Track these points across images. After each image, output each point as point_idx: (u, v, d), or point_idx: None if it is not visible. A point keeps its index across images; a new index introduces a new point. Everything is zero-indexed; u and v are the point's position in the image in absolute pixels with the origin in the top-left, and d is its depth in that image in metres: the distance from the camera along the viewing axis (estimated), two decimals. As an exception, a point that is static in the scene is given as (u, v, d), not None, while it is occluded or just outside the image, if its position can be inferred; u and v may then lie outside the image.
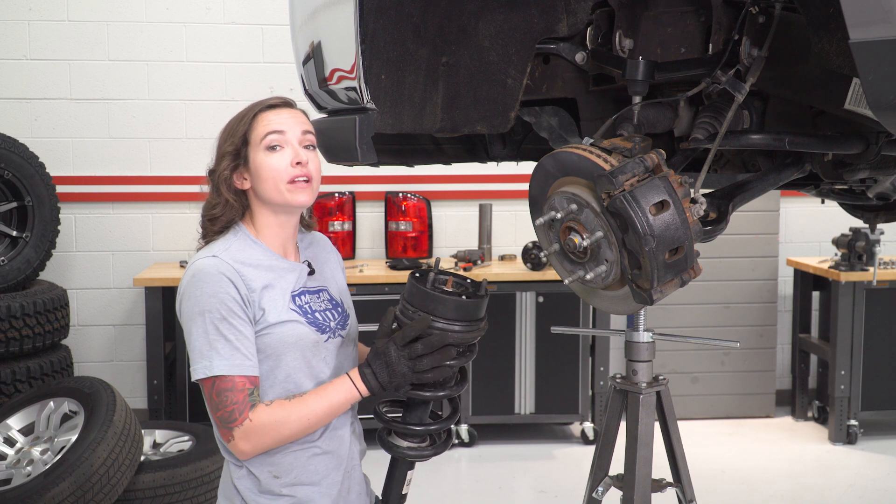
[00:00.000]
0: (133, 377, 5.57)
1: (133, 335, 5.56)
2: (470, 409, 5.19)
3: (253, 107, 2.00)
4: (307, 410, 1.88)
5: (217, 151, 2.00)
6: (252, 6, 5.53)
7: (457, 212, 5.71)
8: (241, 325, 1.88)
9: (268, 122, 1.97)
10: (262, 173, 1.95)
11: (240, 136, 1.97)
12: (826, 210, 5.71)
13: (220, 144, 2.00)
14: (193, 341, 1.89)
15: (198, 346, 1.88)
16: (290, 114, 2.00)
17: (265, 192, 1.97)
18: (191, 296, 1.91)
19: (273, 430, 1.87)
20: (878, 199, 2.64)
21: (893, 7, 1.35)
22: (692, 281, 1.83)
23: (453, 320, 1.90)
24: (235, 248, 1.96)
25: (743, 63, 1.88)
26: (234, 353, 1.86)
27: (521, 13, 2.14)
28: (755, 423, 5.74)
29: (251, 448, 1.88)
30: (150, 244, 5.54)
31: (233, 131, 1.98)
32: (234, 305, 1.88)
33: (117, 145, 5.49)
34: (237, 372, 1.86)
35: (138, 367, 5.51)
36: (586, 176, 1.82)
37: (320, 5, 2.17)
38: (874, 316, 5.21)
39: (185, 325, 1.93)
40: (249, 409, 1.85)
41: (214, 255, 1.93)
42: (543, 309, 5.19)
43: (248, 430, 1.85)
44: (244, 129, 1.97)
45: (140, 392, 5.44)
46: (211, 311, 1.87)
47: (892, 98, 1.40)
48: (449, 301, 1.90)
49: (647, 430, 2.42)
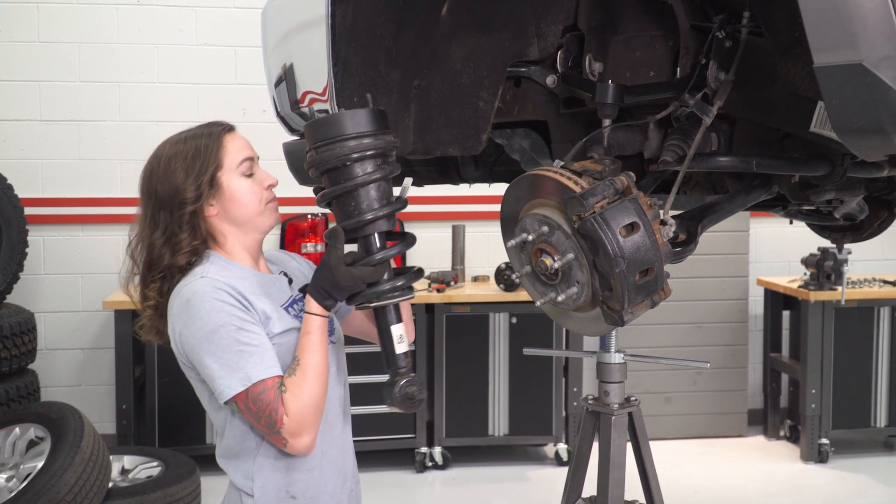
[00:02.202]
0: (101, 402, 5.50)
1: (102, 359, 5.50)
2: (444, 432, 5.18)
3: (208, 133, 1.99)
4: (311, 367, 1.86)
5: (181, 181, 1.95)
6: (225, 28, 5.53)
7: (430, 233, 5.72)
8: (257, 329, 1.88)
9: (239, 147, 1.99)
10: (242, 198, 1.98)
11: (214, 164, 1.96)
12: (795, 230, 5.76)
13: (182, 179, 1.95)
14: (216, 361, 1.84)
15: (224, 362, 1.84)
16: (245, 138, 2.04)
17: (241, 216, 1.99)
18: (194, 320, 1.87)
19: (306, 406, 1.84)
20: (845, 219, 2.68)
21: (857, 32, 1.37)
22: (663, 301, 1.85)
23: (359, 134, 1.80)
24: (215, 270, 1.95)
25: (710, 86, 1.90)
26: (263, 356, 1.85)
27: (493, 37, 2.15)
28: (728, 442, 5.76)
29: (308, 436, 1.86)
30: (120, 266, 5.47)
31: (201, 160, 1.95)
32: (243, 314, 1.88)
33: (88, 167, 5.46)
34: (270, 374, 1.85)
35: (107, 392, 5.45)
36: (557, 198, 1.83)
37: (293, 28, 2.18)
38: (843, 335, 5.26)
39: (194, 351, 1.88)
40: (282, 405, 1.83)
41: (202, 276, 1.92)
42: (517, 330, 5.19)
43: (291, 426, 1.84)
44: (215, 155, 1.96)
45: (109, 417, 5.37)
46: (224, 326, 1.85)
47: (856, 121, 1.43)
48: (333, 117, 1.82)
49: (620, 451, 2.43)
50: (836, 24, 1.39)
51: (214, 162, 1.96)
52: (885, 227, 2.74)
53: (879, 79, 1.37)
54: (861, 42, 1.37)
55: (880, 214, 2.69)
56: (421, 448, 5.17)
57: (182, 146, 1.98)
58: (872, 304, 5.27)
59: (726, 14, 1.90)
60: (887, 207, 2.68)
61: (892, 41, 1.35)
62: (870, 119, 1.41)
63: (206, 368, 1.87)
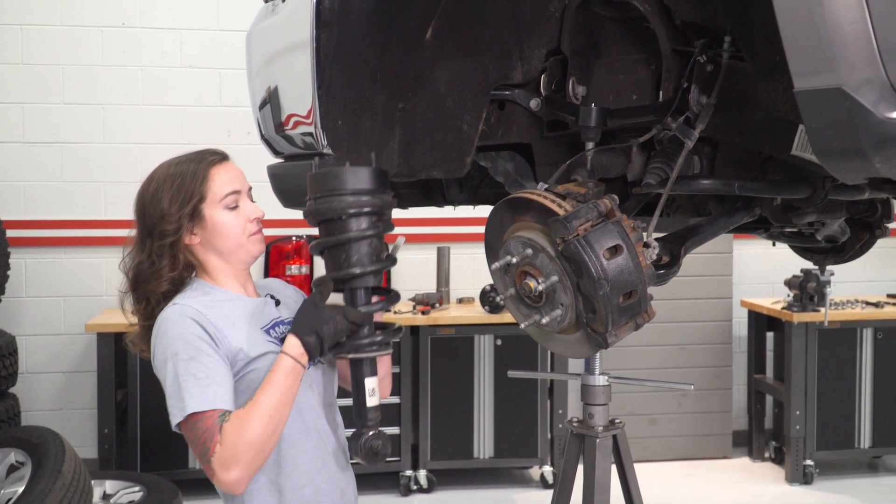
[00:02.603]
0: (83, 426, 5.46)
1: (84, 382, 5.46)
2: (428, 455, 5.16)
3: (197, 162, 2.02)
4: (262, 405, 1.82)
5: (165, 209, 1.97)
6: (209, 50, 5.54)
7: (415, 255, 5.72)
8: (211, 361, 1.86)
9: (225, 180, 2.02)
10: (224, 230, 2.00)
11: (197, 196, 1.98)
12: (778, 252, 5.78)
13: (167, 206, 1.97)
14: (167, 388, 1.87)
15: (171, 391, 1.86)
16: (236, 169, 2.06)
17: (224, 247, 2.01)
18: (158, 346, 1.91)
19: (241, 441, 1.79)
20: (827, 241, 2.70)
21: (837, 56, 1.38)
22: (647, 323, 1.85)
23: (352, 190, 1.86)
24: (193, 296, 1.98)
25: (692, 110, 1.92)
26: (205, 389, 1.83)
27: (477, 60, 2.17)
28: (712, 464, 5.76)
29: (237, 472, 1.80)
30: (104, 289, 5.46)
31: (185, 190, 1.98)
32: (200, 344, 1.87)
33: (71, 189, 5.44)
34: (209, 406, 1.82)
35: (89, 416, 5.40)
36: (541, 221, 1.84)
37: (277, 51, 2.18)
38: (827, 356, 5.28)
39: (159, 376, 1.91)
40: (218, 433, 1.80)
41: (175, 303, 1.95)
42: (502, 352, 5.19)
43: (222, 456, 1.79)
44: (199, 187, 1.99)
45: (90, 441, 5.33)
46: (178, 354, 1.86)
47: (836, 145, 1.44)
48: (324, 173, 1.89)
49: (604, 473, 2.43)
50: (816, 49, 1.40)
51: (198, 194, 1.98)
52: (866, 249, 2.76)
53: (859, 102, 1.38)
54: (841, 66, 1.38)
55: (862, 236, 2.71)
56: (405, 471, 5.15)
57: (172, 171, 2.02)
58: (855, 325, 5.29)
59: (708, 38, 1.91)
60: (868, 229, 2.69)
61: (871, 65, 1.37)
62: (850, 142, 1.42)
63: (165, 393, 1.89)
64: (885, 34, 1.35)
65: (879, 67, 1.37)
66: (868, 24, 1.35)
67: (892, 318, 5.31)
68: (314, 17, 1.93)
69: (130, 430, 4.89)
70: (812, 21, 1.39)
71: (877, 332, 5.30)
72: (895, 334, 5.32)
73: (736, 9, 1.79)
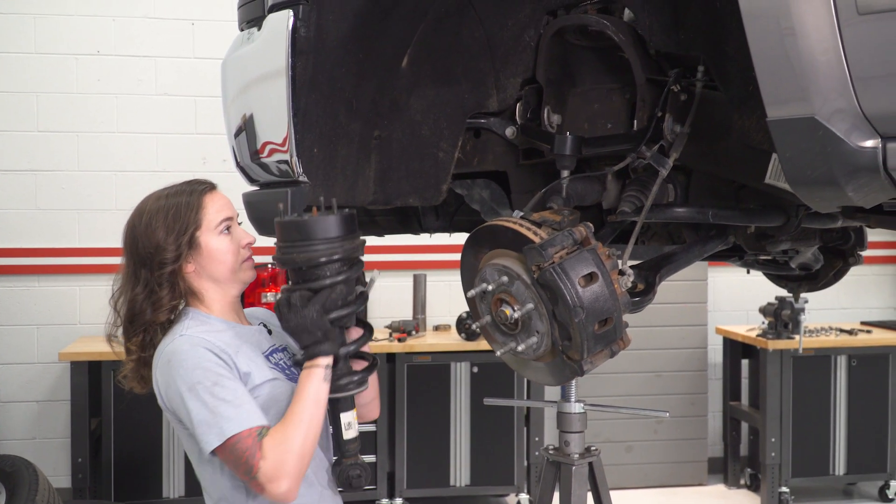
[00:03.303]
0: (57, 455, 5.39)
1: (57, 411, 5.39)
2: (405, 483, 5.12)
3: (188, 193, 2.04)
4: (297, 417, 1.87)
5: (161, 240, 1.98)
6: (185, 78, 5.53)
7: (391, 282, 5.71)
8: (234, 384, 1.89)
9: (218, 207, 2.04)
10: (219, 257, 2.02)
11: (194, 225, 2.00)
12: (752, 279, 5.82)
13: (163, 236, 1.98)
14: (194, 417, 1.87)
15: (202, 419, 1.86)
16: (226, 197, 2.10)
17: (218, 274, 2.03)
18: (175, 378, 1.90)
19: (285, 451, 1.84)
20: (801, 269, 2.72)
21: (809, 86, 1.40)
22: (623, 350, 1.86)
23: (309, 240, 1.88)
24: (195, 326, 1.99)
25: (666, 139, 1.93)
26: (239, 409, 1.85)
27: (452, 89, 2.17)
28: (688, 491, 5.76)
29: (286, 483, 1.84)
30: (77, 317, 5.41)
31: (182, 219, 1.99)
32: (219, 370, 1.89)
33: (45, 217, 5.39)
34: (246, 426, 1.84)
35: (62, 445, 5.33)
36: (517, 248, 1.84)
37: (253, 79, 2.18)
38: (801, 383, 5.30)
39: (178, 409, 1.91)
40: (259, 450, 1.83)
41: (182, 334, 1.95)
42: (478, 379, 5.18)
43: (268, 470, 1.83)
44: (195, 215, 2.00)
45: (64, 470, 5.26)
46: (201, 382, 1.87)
47: (809, 173, 1.45)
48: (293, 223, 1.89)
49: (580, 501, 2.42)
50: (789, 78, 1.42)
51: (195, 223, 2.00)
52: (840, 277, 2.78)
53: (832, 132, 1.39)
54: (814, 96, 1.40)
55: (835, 264, 2.73)
56: (381, 500, 5.11)
57: (164, 203, 2.02)
58: (830, 352, 5.32)
59: (681, 68, 1.93)
60: (842, 257, 2.72)
61: (844, 95, 1.38)
62: (822, 171, 1.43)
63: (190, 424, 1.89)
64: (858, 64, 1.36)
65: (852, 97, 1.38)
66: (841, 53, 1.37)
67: (866, 345, 5.35)
68: (290, 45, 1.94)
69: (104, 458, 4.84)
70: (785, 51, 1.41)
71: (851, 359, 5.34)
72: (869, 361, 5.36)
73: (709, 38, 1.81)
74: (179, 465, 4.84)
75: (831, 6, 1.36)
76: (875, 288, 6.34)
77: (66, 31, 5.41)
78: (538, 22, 2.10)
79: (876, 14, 1.34)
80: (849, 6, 1.35)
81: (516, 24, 2.13)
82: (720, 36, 1.76)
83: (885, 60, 1.35)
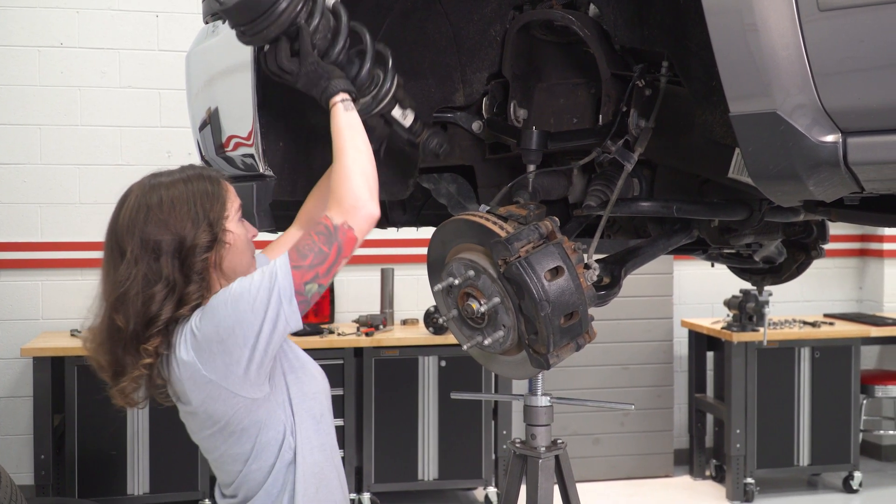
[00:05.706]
0: (19, 452, 5.32)
1: (19, 407, 5.32)
2: (373, 477, 5.12)
3: (206, 175, 1.90)
4: (338, 148, 1.83)
5: (189, 229, 1.81)
6: (149, 70, 5.47)
7: (358, 276, 5.70)
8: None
9: (233, 195, 1.92)
10: (241, 245, 1.91)
11: (224, 211, 1.87)
12: (717, 272, 5.87)
13: (193, 224, 1.82)
14: (315, 257, 1.80)
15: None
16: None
17: (237, 264, 1.90)
18: (256, 297, 1.78)
19: (342, 182, 1.81)
20: (765, 262, 2.74)
21: (771, 81, 1.41)
22: (589, 344, 1.87)
23: None
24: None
25: (631, 133, 1.94)
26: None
27: (419, 83, 2.17)
28: (654, 482, 5.80)
29: (362, 207, 1.80)
30: (40, 312, 5.35)
31: (211, 205, 1.85)
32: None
33: (6, 211, 5.32)
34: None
35: (25, 441, 5.27)
36: (483, 243, 1.84)
37: (218, 72, 2.16)
38: (766, 375, 5.36)
39: (257, 308, 1.79)
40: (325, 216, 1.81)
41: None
42: (446, 373, 5.18)
43: (343, 206, 1.80)
44: (222, 202, 1.88)
45: (26, 467, 5.19)
46: (275, 275, 1.78)
47: (771, 168, 1.47)
48: None
49: (547, 494, 2.43)
50: (751, 74, 1.43)
51: (224, 209, 1.87)
52: (802, 270, 2.81)
53: (793, 127, 1.41)
54: (775, 91, 1.41)
55: (798, 257, 2.77)
56: (349, 495, 5.10)
57: (183, 189, 1.85)
58: (793, 344, 5.38)
59: (646, 63, 1.94)
60: (804, 251, 2.75)
61: (805, 90, 1.40)
62: (784, 166, 1.45)
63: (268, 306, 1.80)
64: (819, 60, 1.38)
65: (813, 92, 1.40)
66: (802, 49, 1.39)
67: (829, 337, 5.42)
68: (255, 38, 1.92)
69: (68, 455, 4.79)
70: (747, 46, 1.42)
71: (814, 351, 5.40)
72: (832, 353, 5.42)
73: (673, 34, 1.82)
74: (144, 461, 4.80)
75: (793, 3, 1.38)
76: (837, 281, 6.42)
77: (29, 23, 5.33)
78: (504, 17, 2.11)
79: (837, 10, 1.35)
80: (810, 3, 1.36)
81: (482, 19, 2.13)
82: (684, 32, 1.78)
83: (846, 56, 1.37)
